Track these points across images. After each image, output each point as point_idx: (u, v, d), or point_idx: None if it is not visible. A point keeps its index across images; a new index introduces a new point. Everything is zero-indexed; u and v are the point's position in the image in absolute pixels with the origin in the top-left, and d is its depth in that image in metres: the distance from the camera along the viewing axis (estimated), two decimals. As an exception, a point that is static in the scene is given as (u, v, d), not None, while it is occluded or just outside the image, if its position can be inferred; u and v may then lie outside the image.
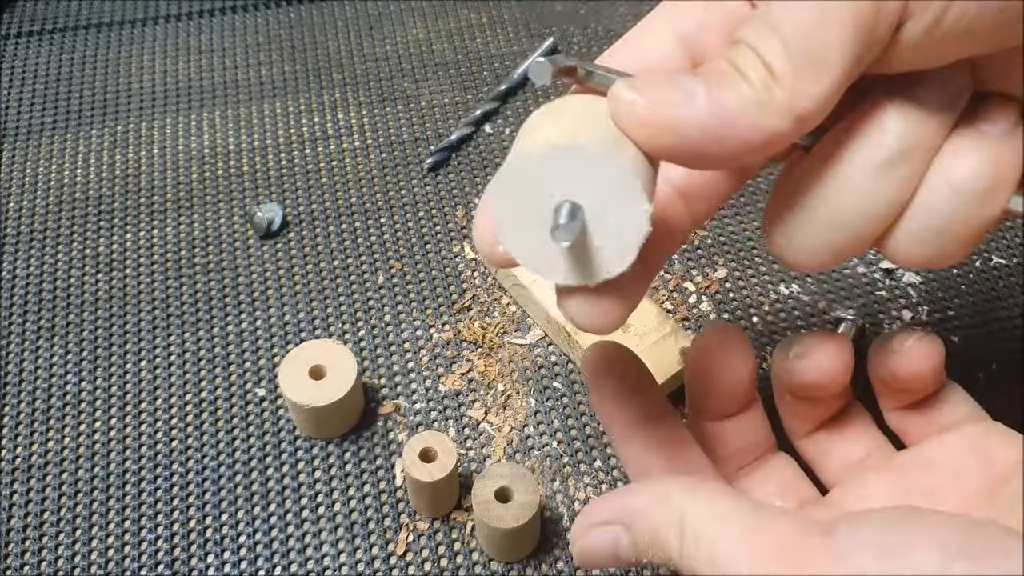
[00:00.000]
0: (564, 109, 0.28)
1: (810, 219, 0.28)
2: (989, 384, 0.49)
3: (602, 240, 0.27)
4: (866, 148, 0.27)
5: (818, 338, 0.34)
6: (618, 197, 0.26)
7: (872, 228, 0.28)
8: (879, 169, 0.27)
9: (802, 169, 0.28)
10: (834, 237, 0.28)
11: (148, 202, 0.57)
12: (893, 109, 0.27)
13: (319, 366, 0.45)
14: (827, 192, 0.28)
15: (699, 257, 0.54)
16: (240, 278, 0.53)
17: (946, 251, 0.28)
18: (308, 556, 0.44)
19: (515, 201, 0.27)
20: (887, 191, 0.27)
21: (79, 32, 0.67)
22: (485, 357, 0.50)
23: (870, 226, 0.28)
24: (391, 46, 0.66)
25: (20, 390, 0.49)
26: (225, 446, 0.47)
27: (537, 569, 0.43)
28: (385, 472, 0.46)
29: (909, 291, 0.53)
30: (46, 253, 0.55)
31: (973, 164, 0.27)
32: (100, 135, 0.61)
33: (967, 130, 0.27)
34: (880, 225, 0.28)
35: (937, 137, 0.27)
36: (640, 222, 0.26)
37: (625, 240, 0.27)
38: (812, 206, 0.28)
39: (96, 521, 0.45)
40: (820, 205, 0.28)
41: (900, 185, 0.27)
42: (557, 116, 0.28)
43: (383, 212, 0.57)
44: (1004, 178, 0.27)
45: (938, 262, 0.28)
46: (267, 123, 0.61)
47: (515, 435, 0.47)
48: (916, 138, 0.27)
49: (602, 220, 0.27)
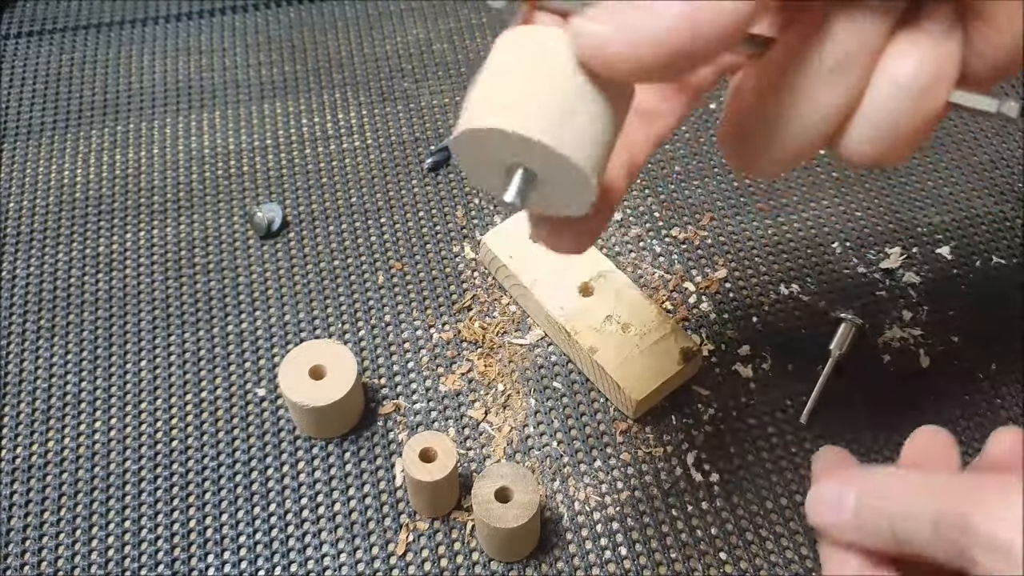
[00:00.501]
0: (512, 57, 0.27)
1: (766, 128, 0.29)
2: (989, 384, 0.49)
3: (555, 190, 0.28)
4: (815, 55, 0.28)
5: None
6: (566, 175, 0.27)
7: (825, 131, 0.29)
8: (829, 74, 0.28)
9: (753, 81, 0.29)
10: (789, 143, 0.29)
11: (148, 202, 0.57)
12: (838, 15, 0.28)
13: (319, 366, 0.45)
14: (780, 100, 0.28)
15: (699, 257, 0.54)
16: (240, 278, 0.53)
17: (895, 147, 0.29)
18: (308, 556, 0.44)
19: (471, 155, 0.28)
20: (837, 94, 0.28)
21: (79, 32, 0.67)
22: (485, 357, 0.50)
23: (822, 129, 0.29)
24: (391, 46, 0.66)
25: (20, 390, 0.49)
26: (225, 446, 0.47)
27: (537, 569, 0.43)
28: (385, 472, 0.46)
29: (909, 291, 0.53)
30: (46, 253, 0.55)
31: (915, 62, 0.28)
32: (100, 135, 0.61)
33: (908, 31, 0.28)
34: (832, 127, 0.29)
35: (880, 39, 0.28)
36: (588, 196, 0.27)
37: (575, 201, 0.28)
38: (766, 115, 0.29)
39: (96, 521, 0.45)
40: (774, 113, 0.29)
41: (849, 87, 0.28)
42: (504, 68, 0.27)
43: (383, 212, 0.57)
44: (944, 74, 0.28)
45: (888, 158, 0.29)
46: (267, 123, 0.61)
47: (515, 435, 0.47)
48: (861, 41, 0.28)
49: (554, 180, 0.27)
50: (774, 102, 0.29)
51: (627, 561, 0.44)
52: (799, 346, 0.50)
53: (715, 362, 0.50)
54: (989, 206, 0.57)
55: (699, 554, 0.44)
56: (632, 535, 0.44)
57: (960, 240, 0.55)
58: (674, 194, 0.57)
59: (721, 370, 0.50)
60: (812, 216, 0.56)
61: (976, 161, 0.59)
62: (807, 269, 0.54)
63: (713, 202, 0.57)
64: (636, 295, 0.49)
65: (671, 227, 0.56)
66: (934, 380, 0.49)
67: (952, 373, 0.50)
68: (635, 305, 0.49)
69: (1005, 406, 0.49)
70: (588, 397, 0.49)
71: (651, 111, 0.33)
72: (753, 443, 0.47)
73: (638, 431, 0.47)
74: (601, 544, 0.44)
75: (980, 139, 0.60)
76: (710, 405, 0.48)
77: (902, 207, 0.57)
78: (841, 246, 0.55)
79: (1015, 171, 0.59)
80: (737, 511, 0.45)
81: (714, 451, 0.47)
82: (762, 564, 0.44)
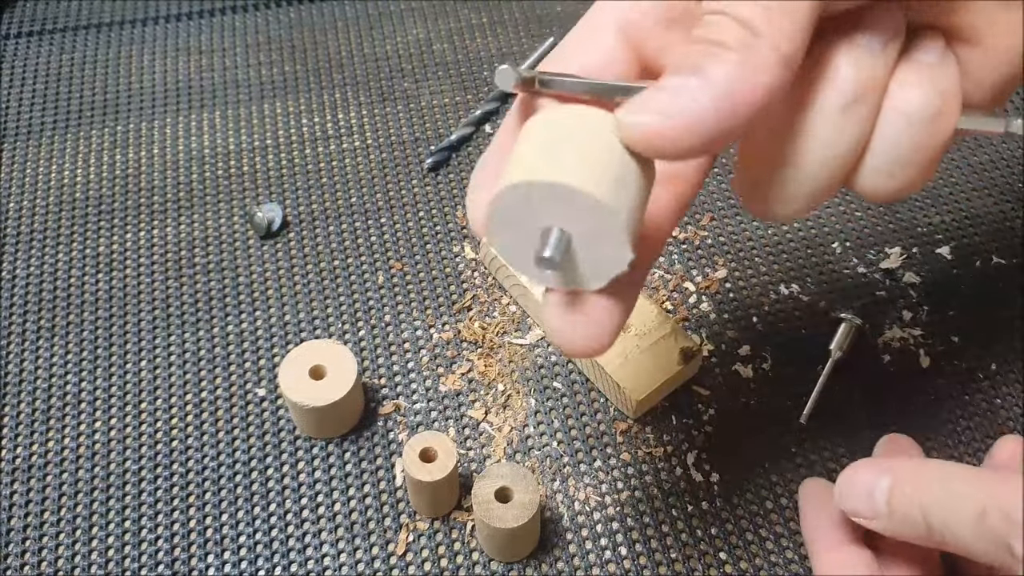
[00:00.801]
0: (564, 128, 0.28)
1: (780, 173, 0.29)
2: (989, 384, 0.49)
3: (584, 260, 0.28)
4: (824, 95, 0.28)
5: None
6: (607, 240, 0.27)
7: (840, 171, 0.29)
8: (839, 113, 0.28)
9: (764, 126, 0.29)
10: (805, 185, 0.29)
11: (148, 202, 0.57)
12: (842, 54, 0.28)
13: (319, 366, 0.45)
14: (793, 144, 0.29)
15: (699, 257, 0.54)
16: (240, 278, 0.53)
17: (912, 178, 0.29)
18: (308, 556, 0.44)
19: (509, 212, 0.28)
20: (850, 132, 0.28)
21: (79, 32, 0.67)
22: (485, 357, 0.50)
23: (837, 169, 0.29)
24: (391, 46, 0.66)
25: (20, 390, 0.49)
26: (225, 446, 0.47)
27: (537, 569, 0.43)
28: (385, 472, 0.46)
29: (909, 291, 0.53)
30: (46, 253, 0.55)
31: (921, 92, 0.28)
32: (100, 135, 0.61)
33: (907, 63, 0.29)
34: (847, 166, 0.29)
35: (885, 74, 0.29)
36: (622, 263, 0.28)
37: (604, 269, 0.28)
38: (780, 160, 0.29)
39: (96, 521, 0.45)
40: (787, 157, 0.29)
41: (860, 124, 0.28)
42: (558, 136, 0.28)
43: (383, 212, 0.57)
44: (950, 99, 0.29)
45: (905, 190, 0.30)
46: (267, 123, 0.61)
47: (515, 435, 0.47)
48: (867, 77, 0.28)
49: (586, 245, 0.28)
50: (786, 146, 0.29)
51: (627, 561, 0.44)
52: (799, 346, 0.50)
53: (715, 362, 0.50)
54: (989, 206, 0.57)
55: (699, 554, 0.44)
56: (632, 535, 0.44)
57: (960, 240, 0.55)
58: (674, 194, 0.57)
59: (721, 370, 0.50)
60: (812, 216, 0.56)
61: (976, 161, 0.59)
62: (807, 269, 0.54)
63: (713, 202, 0.57)
64: (636, 295, 0.49)
65: (671, 227, 0.56)
66: (934, 380, 0.49)
67: (952, 373, 0.50)
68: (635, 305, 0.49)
69: (1005, 406, 0.49)
70: (588, 397, 0.49)
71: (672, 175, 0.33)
72: (753, 443, 0.47)
73: (638, 431, 0.47)
74: (601, 544, 0.44)
75: (980, 139, 0.60)
76: (710, 405, 0.48)
77: (902, 207, 0.57)
78: (841, 246, 0.55)
79: (1015, 171, 0.59)
80: (737, 511, 0.45)
81: (714, 451, 0.47)
82: (762, 564, 0.44)
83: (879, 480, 0.34)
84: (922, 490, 0.33)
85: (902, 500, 0.33)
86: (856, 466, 0.36)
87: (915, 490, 0.33)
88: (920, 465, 0.34)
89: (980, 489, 0.31)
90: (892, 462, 0.35)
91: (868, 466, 0.35)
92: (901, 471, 0.34)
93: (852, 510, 0.35)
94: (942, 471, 0.33)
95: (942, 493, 0.32)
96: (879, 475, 0.34)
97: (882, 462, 0.35)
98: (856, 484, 0.35)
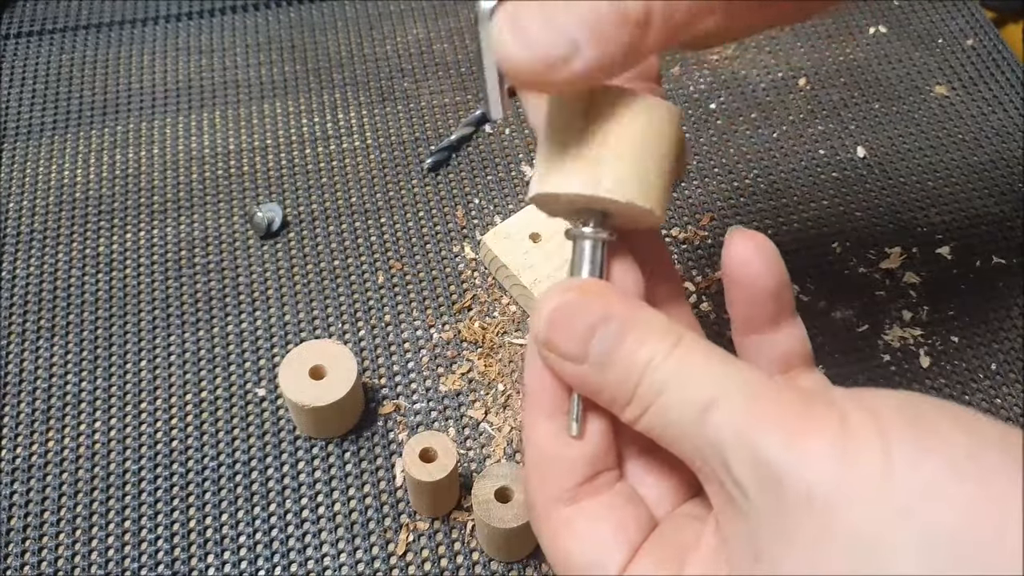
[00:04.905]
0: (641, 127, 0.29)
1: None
2: (989, 384, 0.49)
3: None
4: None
5: (741, 235, 0.31)
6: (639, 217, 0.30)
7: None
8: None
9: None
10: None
11: (148, 202, 0.57)
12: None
13: (319, 366, 0.45)
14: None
15: (699, 257, 0.54)
16: (240, 278, 0.54)
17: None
18: (308, 556, 0.44)
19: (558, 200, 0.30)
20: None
21: (79, 32, 0.67)
22: (485, 357, 0.50)
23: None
24: (391, 46, 0.66)
25: (20, 390, 0.49)
26: (225, 446, 0.47)
27: (537, 569, 0.43)
28: (385, 472, 0.46)
29: (909, 291, 0.53)
30: (46, 253, 0.55)
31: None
32: (100, 135, 0.61)
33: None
34: None
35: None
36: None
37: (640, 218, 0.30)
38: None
39: (96, 521, 0.45)
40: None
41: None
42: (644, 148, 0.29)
43: (383, 212, 0.57)
44: None
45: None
46: (267, 123, 0.61)
47: (515, 435, 0.47)
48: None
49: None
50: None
51: (627, 561, 0.44)
52: (799, 346, 0.50)
53: (715, 362, 0.50)
54: (989, 206, 0.57)
55: (699, 554, 0.44)
56: (632, 535, 0.44)
57: (960, 240, 0.55)
58: (674, 194, 0.57)
59: (721, 370, 0.50)
60: (812, 216, 0.56)
61: (976, 161, 0.59)
62: (807, 269, 0.54)
63: (713, 202, 0.57)
64: (636, 295, 0.49)
65: (671, 227, 0.56)
66: (934, 380, 0.49)
67: (952, 373, 0.50)
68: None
69: (1005, 406, 0.49)
70: (588, 397, 0.49)
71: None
72: (753, 443, 0.47)
73: (638, 431, 0.47)
74: (601, 544, 0.44)
75: (980, 139, 0.60)
76: (710, 405, 0.48)
77: (902, 207, 0.57)
78: (841, 246, 0.55)
79: (1015, 171, 0.59)
80: (737, 511, 0.45)
81: (714, 451, 0.47)
82: (762, 564, 0.44)
83: (605, 326, 0.27)
84: (657, 351, 0.26)
85: (626, 355, 0.26)
86: (585, 289, 0.27)
87: (650, 350, 0.26)
88: (670, 326, 0.27)
89: (720, 377, 0.25)
90: (627, 305, 0.27)
91: (596, 298, 0.27)
92: (638, 322, 0.26)
93: (556, 346, 0.27)
94: (691, 319, 0.31)
95: (678, 365, 0.26)
96: (607, 318, 0.27)
97: (616, 302, 0.27)
98: (568, 321, 0.27)
